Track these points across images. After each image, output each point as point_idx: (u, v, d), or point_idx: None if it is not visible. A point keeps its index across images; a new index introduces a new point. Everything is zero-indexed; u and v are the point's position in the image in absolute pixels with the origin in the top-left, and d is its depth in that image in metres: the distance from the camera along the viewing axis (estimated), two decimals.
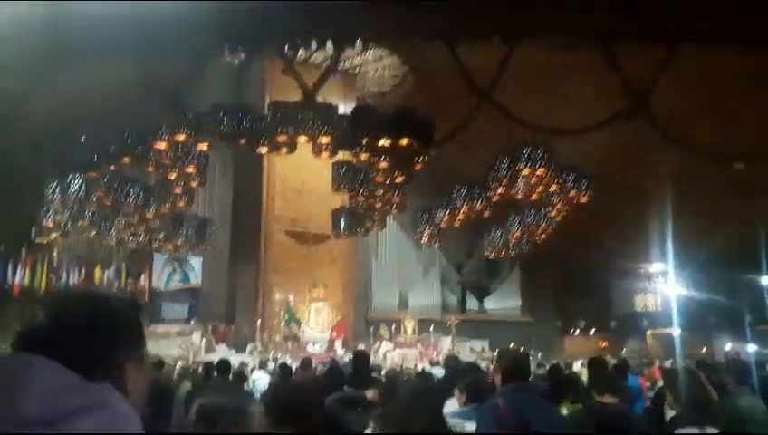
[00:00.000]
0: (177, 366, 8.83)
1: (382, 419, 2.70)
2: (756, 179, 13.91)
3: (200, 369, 8.66)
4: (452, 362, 6.30)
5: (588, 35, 7.24)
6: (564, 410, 5.23)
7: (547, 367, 8.26)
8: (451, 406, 3.78)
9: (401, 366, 12.32)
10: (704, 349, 19.21)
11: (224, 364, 6.60)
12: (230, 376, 6.71)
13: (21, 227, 13.78)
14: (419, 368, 10.96)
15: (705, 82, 10.14)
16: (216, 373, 6.59)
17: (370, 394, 4.03)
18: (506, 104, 8.17)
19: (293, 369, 7.65)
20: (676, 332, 19.13)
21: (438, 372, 7.53)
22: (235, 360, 10.38)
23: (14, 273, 14.69)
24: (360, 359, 4.87)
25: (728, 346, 18.79)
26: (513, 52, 7.60)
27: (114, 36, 6.98)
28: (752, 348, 16.42)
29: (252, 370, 10.12)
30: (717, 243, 17.03)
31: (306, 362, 7.35)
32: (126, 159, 11.31)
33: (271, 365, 10.64)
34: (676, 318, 18.64)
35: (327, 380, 5.19)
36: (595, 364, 5.13)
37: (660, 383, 7.66)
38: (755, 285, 16.65)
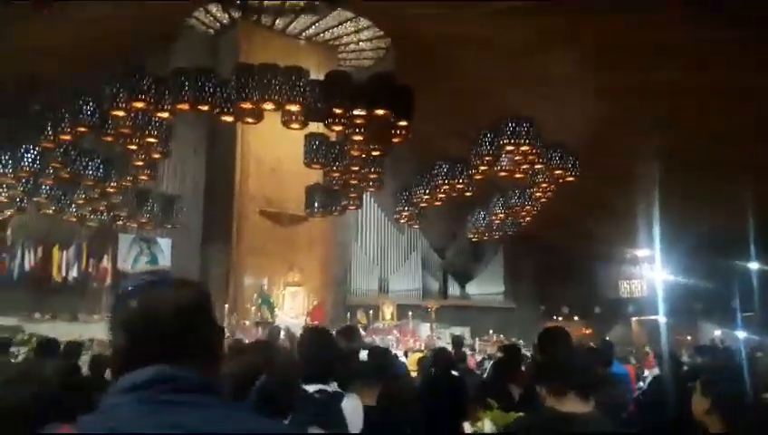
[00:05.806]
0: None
1: None
2: (744, 161, 13.41)
3: None
4: None
5: None
6: (487, 423, 3.42)
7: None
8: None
9: None
10: (688, 336, 18.85)
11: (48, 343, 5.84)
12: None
13: None
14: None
15: None
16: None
17: None
18: None
19: None
20: (661, 318, 18.68)
21: None
22: None
23: None
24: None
25: (716, 333, 18.41)
26: None
27: None
28: (741, 335, 15.98)
29: None
30: (705, 228, 16.58)
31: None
32: (82, 129, 10.46)
33: None
34: (661, 304, 18.19)
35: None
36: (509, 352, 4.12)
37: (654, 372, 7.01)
38: (743, 270, 16.22)
